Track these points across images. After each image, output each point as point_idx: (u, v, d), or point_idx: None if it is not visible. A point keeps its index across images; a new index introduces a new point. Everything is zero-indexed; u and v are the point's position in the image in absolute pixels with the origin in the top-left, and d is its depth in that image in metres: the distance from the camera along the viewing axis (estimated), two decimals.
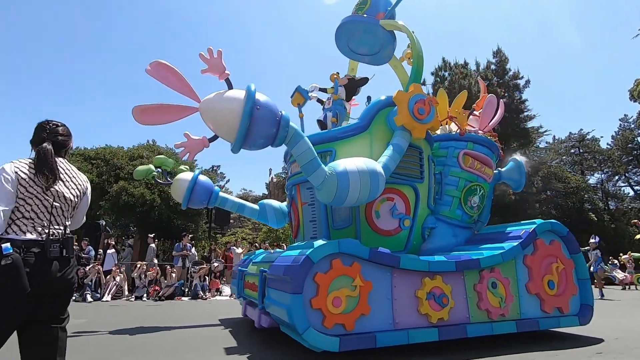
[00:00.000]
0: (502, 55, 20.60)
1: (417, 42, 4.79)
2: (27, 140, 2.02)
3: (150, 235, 12.13)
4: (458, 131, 5.09)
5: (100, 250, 11.25)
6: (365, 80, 5.32)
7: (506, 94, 19.62)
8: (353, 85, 5.16)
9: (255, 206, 6.00)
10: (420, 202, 4.34)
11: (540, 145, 24.08)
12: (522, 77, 20.28)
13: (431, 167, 4.68)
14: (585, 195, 22.53)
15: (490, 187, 5.43)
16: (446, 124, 5.46)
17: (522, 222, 4.66)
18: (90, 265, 9.90)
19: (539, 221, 4.34)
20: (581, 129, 28.35)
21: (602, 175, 27.84)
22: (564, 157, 28.21)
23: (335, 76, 5.08)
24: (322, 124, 5.11)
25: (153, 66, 3.15)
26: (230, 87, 3.26)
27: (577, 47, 52.62)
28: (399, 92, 4.17)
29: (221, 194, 5.86)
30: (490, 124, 5.50)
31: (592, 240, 11.15)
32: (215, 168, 29.42)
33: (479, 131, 5.33)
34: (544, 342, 3.96)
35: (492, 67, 20.75)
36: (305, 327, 2.83)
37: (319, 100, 5.35)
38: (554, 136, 28.95)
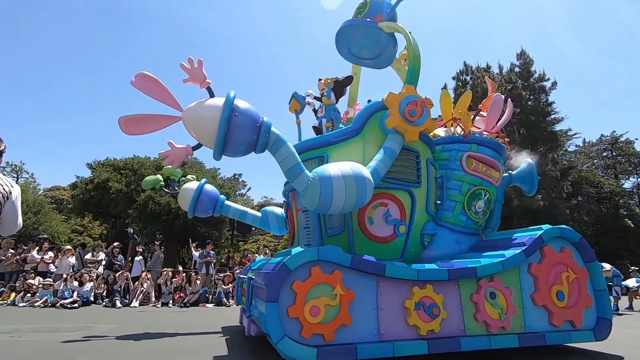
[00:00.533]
0: (526, 57, 19.82)
1: (413, 43, 4.67)
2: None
3: (156, 242, 12.45)
4: (462, 133, 4.89)
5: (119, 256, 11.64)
6: (349, 80, 5.23)
7: (532, 97, 18.84)
8: (339, 87, 5.09)
9: (258, 213, 6.01)
10: (417, 208, 4.17)
11: (570, 149, 22.83)
12: (548, 79, 19.40)
13: (430, 171, 4.49)
14: (620, 201, 21.07)
15: (499, 191, 5.16)
16: (451, 126, 5.28)
17: (530, 227, 4.37)
18: (120, 272, 10.30)
19: (546, 227, 4.05)
20: (614, 131, 26.69)
21: (638, 179, 25.98)
22: (596, 161, 26.59)
23: (328, 81, 5.03)
24: (317, 130, 5.06)
25: (138, 78, 3.24)
26: (211, 95, 3.29)
27: (608, 45, 50.00)
28: (390, 94, 4.06)
29: (226, 202, 5.92)
30: (497, 124, 5.25)
31: (607, 268, 10.16)
32: (237, 176, 30.06)
33: (485, 132, 5.10)
34: (552, 358, 3.67)
35: (516, 69, 20.01)
36: (280, 337, 2.75)
37: (315, 111, 5.31)
38: (584, 139, 27.50)
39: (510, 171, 5.60)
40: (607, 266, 9.99)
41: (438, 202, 4.69)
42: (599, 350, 4.01)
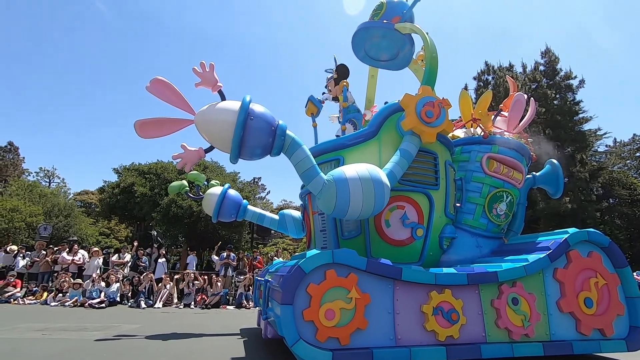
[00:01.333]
0: (551, 55, 19.16)
1: (430, 43, 4.60)
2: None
3: (161, 249, 12.70)
4: (482, 134, 4.77)
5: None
6: (342, 68, 5.27)
7: (557, 96, 18.18)
8: (342, 75, 5.13)
9: (275, 216, 6.05)
10: (435, 210, 4.08)
11: (600, 149, 21.79)
12: (575, 76, 18.65)
13: (449, 173, 4.39)
14: None
15: (522, 193, 4.99)
16: (471, 127, 5.16)
17: (556, 231, 4.21)
18: (144, 274, 10.62)
19: (572, 230, 3.88)
20: None
21: None
22: (628, 162, 25.24)
23: (344, 84, 5.02)
24: None
25: (152, 83, 3.33)
26: (223, 98, 3.35)
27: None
28: (406, 95, 4.01)
29: (249, 207, 6.01)
30: (519, 124, 5.09)
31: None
32: (256, 180, 30.41)
33: (506, 133, 4.95)
34: None
35: (541, 68, 19.36)
36: (295, 340, 2.75)
37: (335, 98, 5.29)
38: (615, 139, 26.28)
39: (534, 172, 5.42)
40: None
41: (458, 204, 4.59)
42: None
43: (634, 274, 9.14)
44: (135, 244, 12.49)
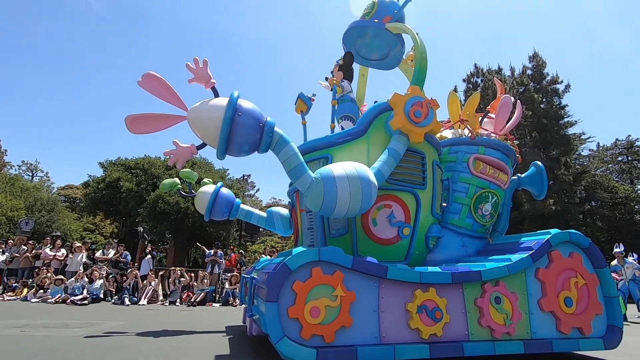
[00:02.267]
0: (539, 60, 19.53)
1: (420, 44, 4.64)
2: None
3: (147, 249, 12.53)
4: (469, 135, 4.83)
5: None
6: (349, 56, 5.23)
7: (544, 100, 18.54)
8: (346, 71, 5.11)
9: (263, 213, 6.02)
10: (421, 210, 4.12)
11: (583, 153, 22.33)
12: (562, 81, 19.08)
13: (436, 173, 4.44)
14: (636, 206, 20.49)
15: (507, 194, 5.07)
16: (459, 128, 5.22)
17: (538, 231, 4.29)
18: (129, 270, 10.46)
19: (554, 231, 3.97)
20: (629, 135, 26.13)
21: None
22: (610, 165, 26.01)
23: (334, 82, 5.01)
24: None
25: (144, 78, 3.28)
26: (216, 95, 3.32)
27: (623, 49, 48.88)
28: (395, 94, 4.03)
29: (242, 205, 5.96)
30: (506, 126, 5.18)
31: (617, 250, 9.48)
32: (246, 177, 30.24)
33: (492, 134, 5.02)
34: None
35: (529, 72, 19.72)
36: (279, 337, 2.74)
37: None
38: (598, 143, 27.06)
39: (519, 174, 5.51)
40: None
41: (444, 204, 4.64)
42: (609, 359, 3.90)
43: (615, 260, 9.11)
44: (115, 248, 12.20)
